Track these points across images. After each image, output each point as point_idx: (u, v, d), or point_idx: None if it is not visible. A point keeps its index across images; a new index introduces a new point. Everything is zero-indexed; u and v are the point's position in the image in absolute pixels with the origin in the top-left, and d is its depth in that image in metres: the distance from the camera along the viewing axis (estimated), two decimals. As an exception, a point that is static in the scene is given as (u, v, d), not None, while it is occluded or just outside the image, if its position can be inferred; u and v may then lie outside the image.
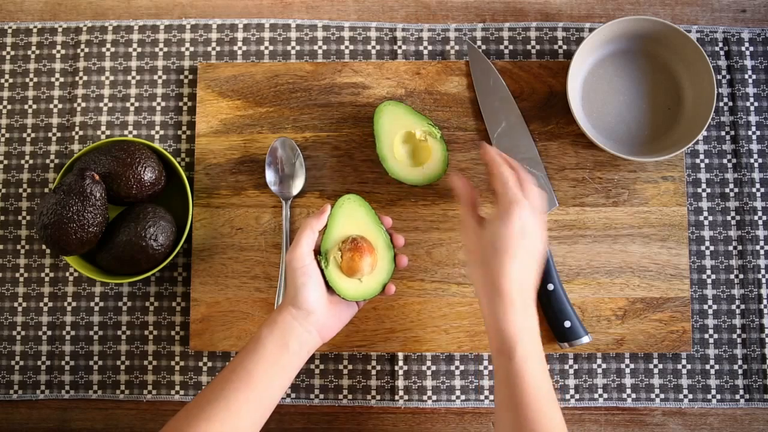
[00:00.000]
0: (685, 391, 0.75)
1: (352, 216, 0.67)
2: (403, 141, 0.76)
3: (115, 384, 0.76)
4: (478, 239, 0.62)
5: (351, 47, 0.81)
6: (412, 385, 0.76)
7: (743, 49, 0.79)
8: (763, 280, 0.76)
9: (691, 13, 0.81)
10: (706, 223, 0.77)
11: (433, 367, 0.76)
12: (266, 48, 0.81)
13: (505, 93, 0.76)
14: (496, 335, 0.58)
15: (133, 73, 0.81)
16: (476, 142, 0.77)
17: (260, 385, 0.59)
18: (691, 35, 0.77)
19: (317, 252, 0.65)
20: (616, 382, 0.75)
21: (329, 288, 0.64)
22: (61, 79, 0.81)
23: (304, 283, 0.62)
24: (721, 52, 0.80)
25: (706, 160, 0.78)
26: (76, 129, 0.80)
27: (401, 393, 0.75)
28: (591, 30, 0.80)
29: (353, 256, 0.64)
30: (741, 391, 0.75)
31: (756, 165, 0.78)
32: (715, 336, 0.76)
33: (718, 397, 0.75)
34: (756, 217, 0.77)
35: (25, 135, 0.80)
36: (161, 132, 0.80)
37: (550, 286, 0.72)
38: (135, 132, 0.80)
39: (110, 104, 0.80)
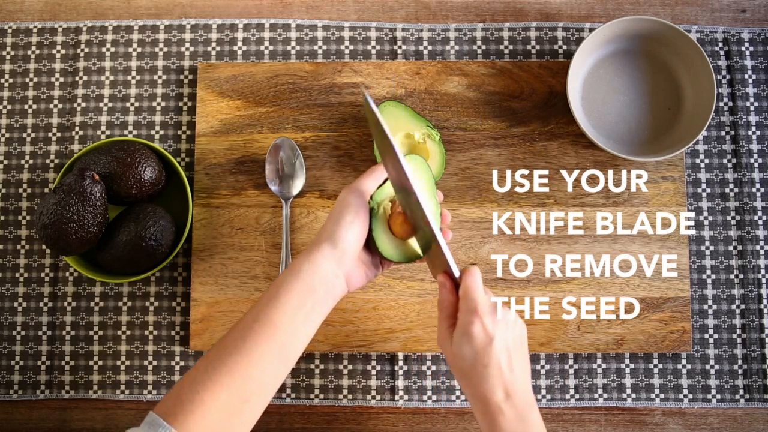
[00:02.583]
0: (685, 391, 0.75)
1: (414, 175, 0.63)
2: (402, 143, 0.76)
3: (115, 384, 0.76)
4: (452, 352, 0.58)
5: (351, 47, 0.81)
6: (412, 385, 0.76)
7: (743, 49, 0.79)
8: (763, 280, 0.76)
9: (691, 13, 0.81)
10: (706, 223, 0.77)
11: (433, 367, 0.76)
12: (266, 48, 0.81)
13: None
14: None
15: (133, 73, 0.81)
16: (476, 142, 0.77)
17: (284, 336, 0.56)
18: (691, 35, 0.77)
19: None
20: (616, 382, 0.75)
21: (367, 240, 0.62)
22: (61, 79, 0.81)
23: (352, 221, 0.59)
24: (721, 52, 0.80)
25: (706, 160, 0.78)
26: (76, 129, 0.80)
27: (401, 393, 0.76)
28: (591, 30, 0.80)
29: (406, 219, 0.62)
30: (741, 391, 0.75)
31: (756, 165, 0.78)
32: (715, 336, 0.76)
33: (718, 397, 0.75)
34: (756, 217, 0.77)
35: (25, 135, 0.80)
36: (161, 132, 0.80)
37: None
38: (135, 132, 0.80)
39: (110, 104, 0.80)
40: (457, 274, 0.58)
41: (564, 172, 0.77)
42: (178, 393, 0.54)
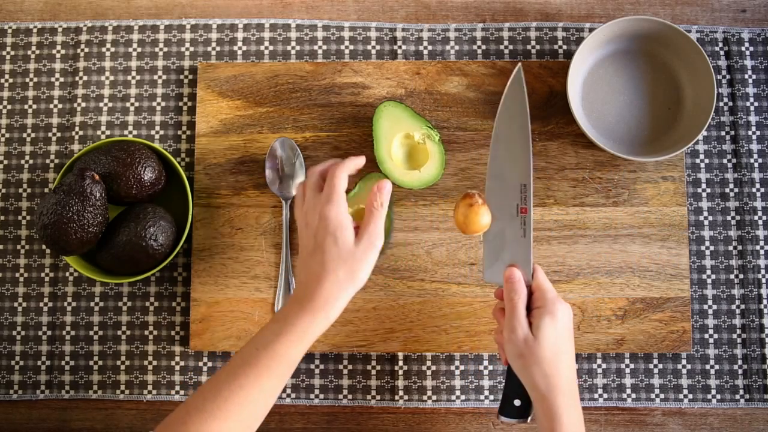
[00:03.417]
0: (685, 391, 0.75)
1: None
2: (402, 143, 0.76)
3: (115, 384, 0.76)
4: (533, 342, 0.59)
5: (351, 47, 0.81)
6: (412, 385, 0.76)
7: (743, 49, 0.79)
8: (763, 280, 0.76)
9: (691, 13, 0.81)
10: (706, 223, 0.77)
11: (433, 367, 0.76)
12: (266, 48, 0.81)
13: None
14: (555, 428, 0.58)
15: (133, 73, 0.81)
16: (477, 142, 0.77)
17: (291, 365, 0.60)
18: (691, 35, 0.77)
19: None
20: (616, 382, 0.75)
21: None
22: (61, 79, 0.81)
23: (367, 253, 0.61)
24: (721, 52, 0.80)
25: (706, 160, 0.78)
26: (76, 129, 0.80)
27: (401, 393, 0.75)
28: (591, 30, 0.80)
29: (483, 208, 0.63)
30: (741, 391, 0.75)
31: (756, 165, 0.78)
32: (715, 336, 0.76)
33: (718, 397, 0.75)
34: (756, 217, 0.77)
35: (25, 135, 0.80)
36: (161, 132, 0.80)
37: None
38: (135, 132, 0.80)
39: (110, 104, 0.80)
40: (530, 269, 0.62)
41: (564, 172, 0.77)
42: (183, 419, 0.55)
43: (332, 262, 0.60)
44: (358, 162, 0.65)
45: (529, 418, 0.64)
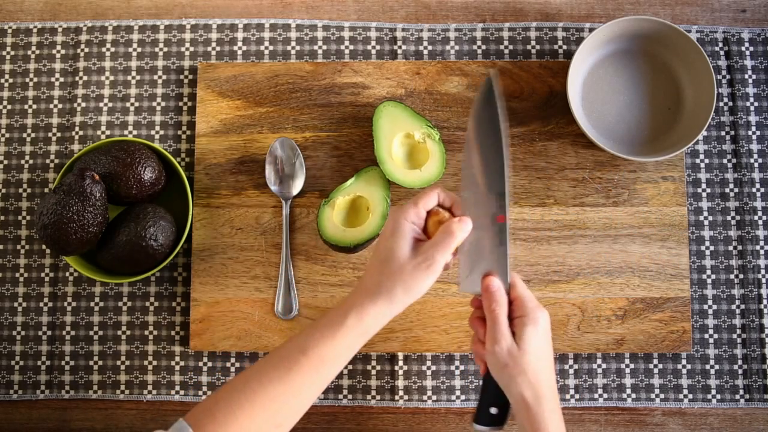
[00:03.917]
0: (685, 391, 0.75)
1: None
2: (402, 143, 0.76)
3: (115, 384, 0.76)
4: (517, 352, 0.58)
5: (351, 47, 0.81)
6: (412, 385, 0.76)
7: (743, 49, 0.79)
8: (763, 280, 0.76)
9: (691, 13, 0.81)
10: (706, 223, 0.77)
11: (433, 367, 0.76)
12: (266, 48, 0.81)
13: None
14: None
15: (133, 73, 0.81)
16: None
17: (331, 370, 0.58)
18: (691, 35, 0.77)
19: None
20: (616, 382, 0.75)
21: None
22: (61, 79, 0.81)
23: (417, 271, 0.58)
24: (721, 52, 0.80)
25: (706, 160, 0.78)
26: (76, 129, 0.80)
27: (401, 393, 0.76)
28: (591, 30, 0.80)
29: (441, 221, 0.61)
30: (741, 391, 0.75)
31: (756, 165, 0.78)
32: (715, 336, 0.76)
33: (718, 397, 0.75)
34: (756, 217, 0.77)
35: (25, 135, 0.80)
36: (161, 132, 0.80)
37: None
38: (135, 132, 0.80)
39: (110, 104, 0.80)
40: (508, 278, 0.59)
41: (564, 172, 0.77)
42: (210, 408, 0.55)
43: (376, 264, 0.59)
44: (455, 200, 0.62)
45: (504, 425, 0.62)
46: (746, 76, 0.79)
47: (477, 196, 0.61)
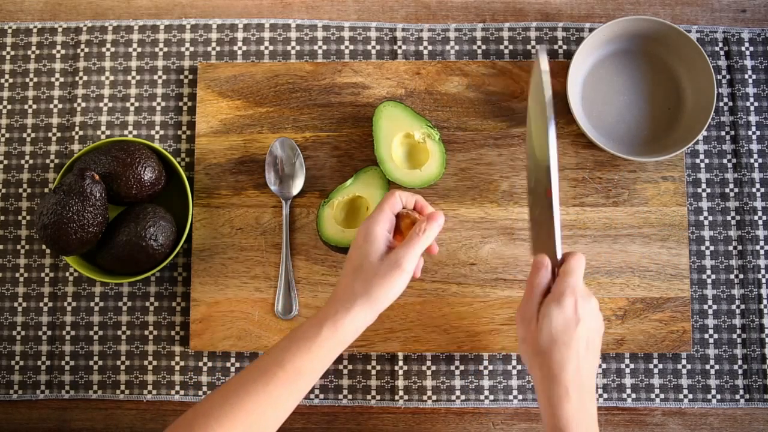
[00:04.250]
0: (685, 391, 0.75)
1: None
2: (402, 143, 0.76)
3: (115, 384, 0.76)
4: (535, 328, 0.59)
5: (351, 47, 0.81)
6: (412, 385, 0.76)
7: (743, 49, 0.79)
8: (763, 280, 0.76)
9: (691, 13, 0.81)
10: (706, 223, 0.77)
11: (433, 367, 0.76)
12: (266, 48, 0.81)
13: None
14: (550, 422, 0.57)
15: (133, 73, 0.81)
16: (477, 142, 0.77)
17: (308, 381, 0.58)
18: (691, 35, 0.77)
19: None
20: (616, 382, 0.75)
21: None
22: (61, 79, 0.81)
23: (390, 272, 0.59)
24: (721, 52, 0.80)
25: (706, 160, 0.78)
26: (76, 129, 0.80)
27: (401, 393, 0.75)
28: (591, 30, 0.80)
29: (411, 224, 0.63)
30: (741, 391, 0.75)
31: (756, 165, 0.78)
32: (715, 336, 0.76)
33: (718, 397, 0.75)
34: (756, 217, 0.77)
35: (25, 135, 0.80)
36: (161, 132, 0.80)
37: None
38: (135, 132, 0.80)
39: (110, 104, 0.80)
40: (560, 255, 0.61)
41: (564, 172, 0.77)
42: (190, 422, 0.56)
43: (350, 272, 0.60)
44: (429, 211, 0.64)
45: None
46: (746, 76, 0.79)
47: (534, 168, 0.63)
